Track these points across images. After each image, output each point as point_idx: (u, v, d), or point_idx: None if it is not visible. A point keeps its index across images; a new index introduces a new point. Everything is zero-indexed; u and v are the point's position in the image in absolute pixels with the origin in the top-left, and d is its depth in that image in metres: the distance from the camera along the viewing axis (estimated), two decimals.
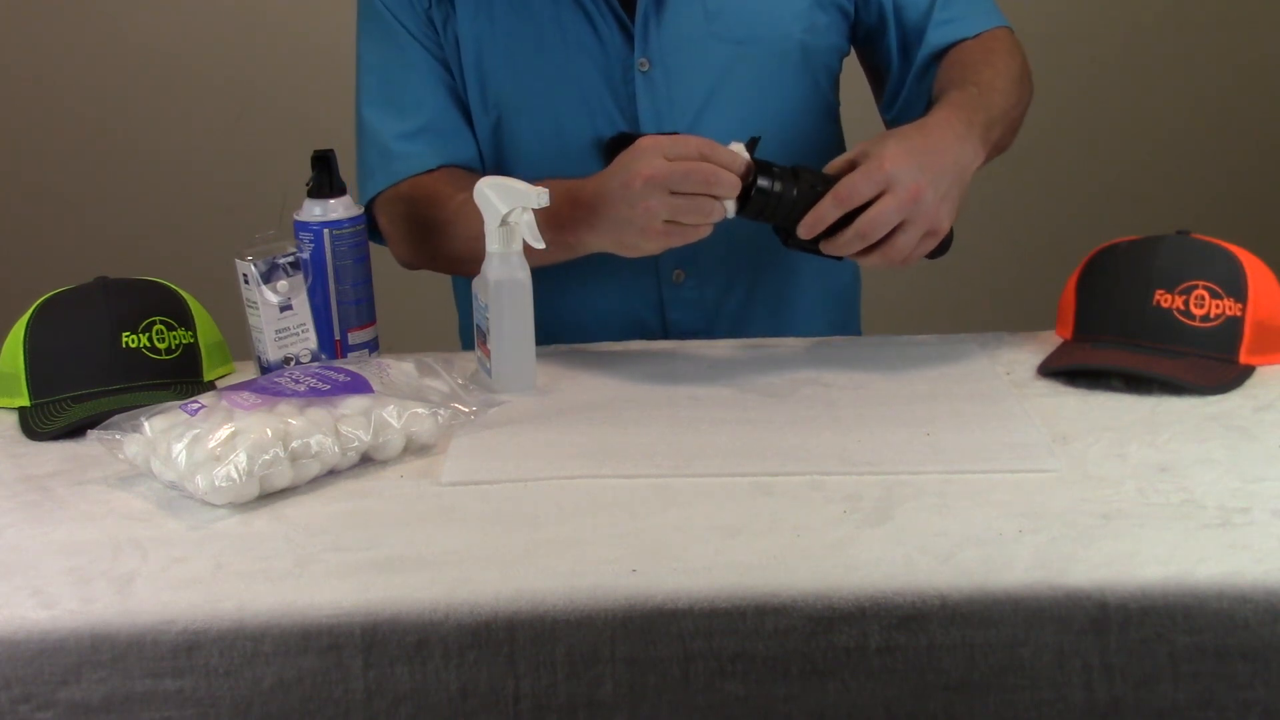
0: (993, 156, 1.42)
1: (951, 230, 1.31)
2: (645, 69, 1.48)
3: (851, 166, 1.26)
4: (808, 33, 1.51)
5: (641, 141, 1.28)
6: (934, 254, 1.33)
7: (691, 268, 1.55)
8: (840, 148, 1.63)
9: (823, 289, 1.63)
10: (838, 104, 1.61)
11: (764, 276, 1.58)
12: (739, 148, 1.27)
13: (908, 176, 1.23)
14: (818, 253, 1.30)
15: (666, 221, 1.25)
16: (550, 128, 1.50)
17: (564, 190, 1.33)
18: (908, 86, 1.55)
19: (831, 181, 1.25)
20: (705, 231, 1.27)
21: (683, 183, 1.24)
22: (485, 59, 1.50)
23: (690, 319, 1.56)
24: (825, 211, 1.24)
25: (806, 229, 1.25)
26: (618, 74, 1.48)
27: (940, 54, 1.51)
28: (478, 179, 1.31)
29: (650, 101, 1.48)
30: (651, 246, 1.29)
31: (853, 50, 1.60)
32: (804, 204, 1.25)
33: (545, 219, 1.31)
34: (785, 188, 1.25)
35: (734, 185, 1.24)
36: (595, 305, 1.56)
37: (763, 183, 1.25)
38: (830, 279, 1.63)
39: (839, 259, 1.30)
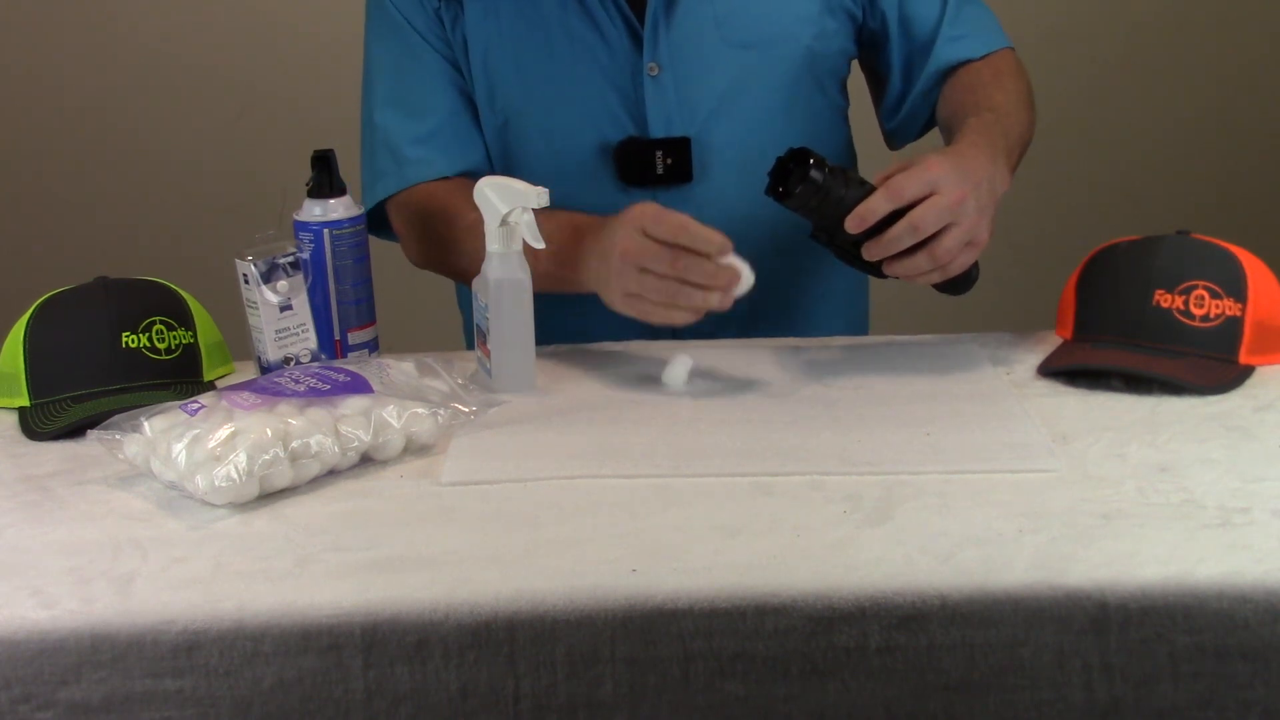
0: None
1: (976, 264, 1.32)
2: (654, 73, 1.47)
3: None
4: (817, 38, 1.51)
5: (629, 211, 1.28)
6: (960, 288, 1.33)
7: None
8: (850, 149, 1.63)
9: (830, 294, 1.63)
10: (846, 105, 1.61)
11: (773, 283, 1.58)
12: (734, 260, 1.27)
13: (954, 182, 1.24)
14: (852, 259, 1.30)
15: (632, 295, 1.28)
16: (558, 131, 1.50)
17: (572, 227, 1.37)
18: (911, 100, 1.55)
19: (872, 186, 1.26)
20: (680, 317, 1.28)
21: (653, 263, 1.26)
22: (493, 62, 1.50)
23: (698, 324, 1.56)
24: (876, 205, 1.23)
25: (856, 222, 1.24)
26: (626, 78, 1.48)
27: (948, 71, 1.51)
28: None
29: (660, 106, 1.48)
30: (621, 311, 1.31)
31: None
32: (850, 202, 1.25)
33: (550, 253, 1.33)
34: (835, 183, 1.25)
35: (710, 274, 1.25)
36: (601, 307, 1.56)
37: (814, 174, 1.24)
38: (838, 284, 1.63)
39: (867, 270, 1.30)
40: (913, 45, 1.53)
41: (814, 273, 1.59)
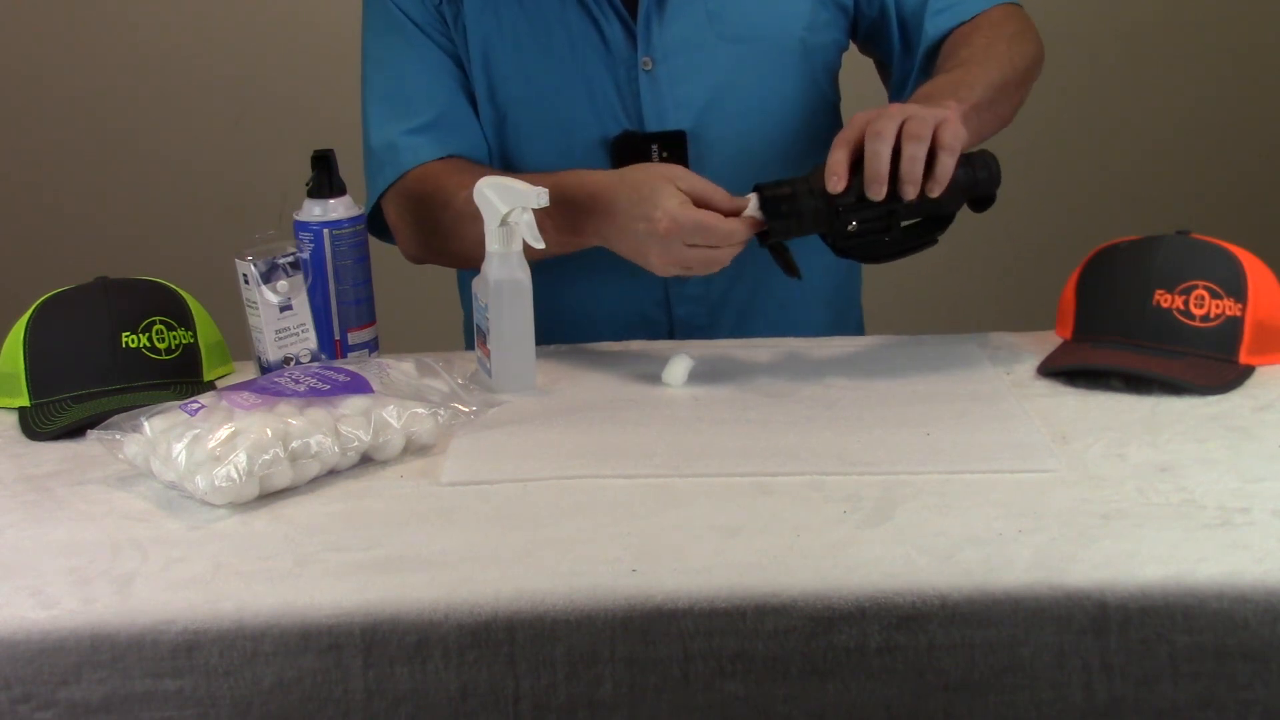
0: (990, 124, 1.40)
1: (993, 161, 1.31)
2: (648, 68, 1.48)
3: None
4: (808, 31, 1.51)
5: (658, 180, 1.30)
6: (987, 187, 1.32)
7: None
8: None
9: (824, 282, 1.63)
10: (838, 99, 1.61)
11: (768, 271, 1.58)
12: (752, 201, 1.29)
13: (889, 110, 1.26)
14: (866, 250, 1.31)
15: (679, 264, 1.31)
16: (556, 125, 1.51)
17: (577, 187, 1.35)
18: (913, 79, 1.55)
19: None
20: (716, 269, 1.32)
21: (695, 236, 1.28)
22: (492, 56, 1.50)
23: (696, 314, 1.57)
24: (837, 155, 1.26)
25: (834, 181, 1.26)
26: (622, 72, 1.48)
27: (940, 42, 1.51)
28: (485, 171, 1.32)
29: (654, 100, 1.49)
30: (661, 273, 1.34)
31: (856, 44, 1.60)
32: (823, 200, 1.27)
33: (553, 217, 1.32)
34: (804, 198, 1.27)
35: (742, 241, 1.30)
36: (601, 302, 1.56)
37: (774, 224, 1.28)
38: (831, 273, 1.64)
39: (887, 253, 1.32)
40: (907, 24, 1.53)
41: (805, 266, 1.60)
